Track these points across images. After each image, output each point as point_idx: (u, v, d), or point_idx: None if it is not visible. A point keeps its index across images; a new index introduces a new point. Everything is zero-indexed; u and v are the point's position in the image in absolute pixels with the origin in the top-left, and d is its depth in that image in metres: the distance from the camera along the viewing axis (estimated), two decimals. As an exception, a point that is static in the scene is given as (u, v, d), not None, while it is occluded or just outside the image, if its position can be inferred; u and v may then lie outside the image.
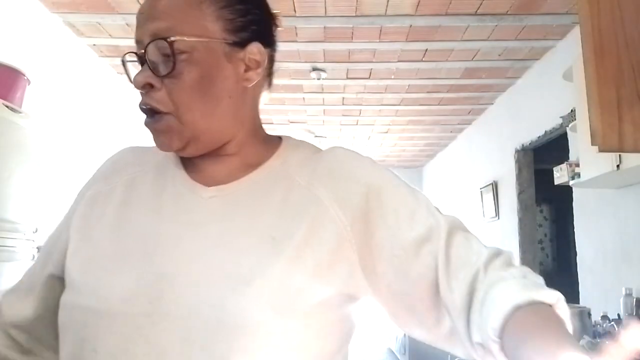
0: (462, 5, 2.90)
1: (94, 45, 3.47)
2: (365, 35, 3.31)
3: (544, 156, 4.14)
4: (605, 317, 2.47)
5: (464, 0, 2.86)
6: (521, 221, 4.10)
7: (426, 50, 3.54)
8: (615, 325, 2.38)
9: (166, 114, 0.63)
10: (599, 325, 2.45)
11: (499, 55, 3.62)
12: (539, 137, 3.77)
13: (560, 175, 2.98)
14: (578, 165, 2.72)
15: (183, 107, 0.63)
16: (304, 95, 4.53)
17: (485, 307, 0.54)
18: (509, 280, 0.55)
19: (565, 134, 3.28)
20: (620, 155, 2.23)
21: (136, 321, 0.57)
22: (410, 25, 3.17)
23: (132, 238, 0.64)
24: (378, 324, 6.68)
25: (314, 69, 3.88)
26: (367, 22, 3.12)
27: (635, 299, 2.46)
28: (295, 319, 0.57)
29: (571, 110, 2.93)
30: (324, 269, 0.60)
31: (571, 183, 2.83)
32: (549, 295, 0.53)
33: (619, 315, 2.50)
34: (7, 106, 2.02)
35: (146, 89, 0.63)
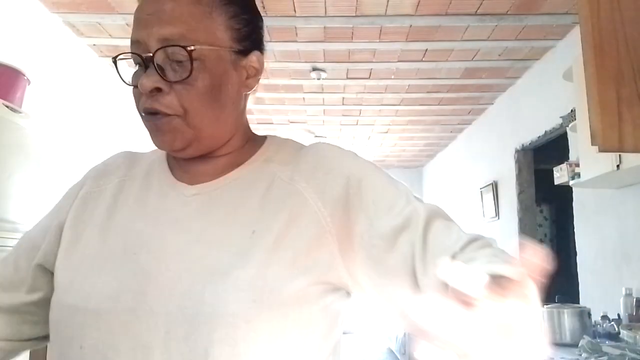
0: (462, 5, 2.90)
1: (94, 45, 3.47)
2: (365, 35, 3.31)
3: (544, 156, 4.14)
4: (605, 317, 2.47)
5: (464, 0, 2.86)
6: (521, 221, 4.10)
7: (426, 50, 3.54)
8: (615, 325, 2.38)
9: (174, 116, 0.64)
10: (599, 325, 2.45)
11: (499, 55, 3.62)
12: (539, 137, 3.77)
13: (560, 175, 2.98)
14: (578, 165, 2.72)
15: (193, 112, 0.64)
16: (304, 95, 4.53)
17: None
18: (479, 259, 0.54)
19: (565, 134, 3.28)
20: (620, 155, 2.23)
21: (120, 317, 0.59)
22: (410, 25, 3.17)
23: (117, 237, 0.66)
24: (378, 324, 6.68)
25: (314, 69, 3.89)
26: (367, 22, 3.12)
27: (635, 299, 2.46)
28: (275, 309, 0.58)
29: (571, 110, 2.93)
30: (303, 259, 0.61)
31: (571, 183, 2.83)
32: (514, 272, 0.51)
33: (619, 315, 2.50)
34: (7, 106, 2.02)
35: (153, 93, 0.64)
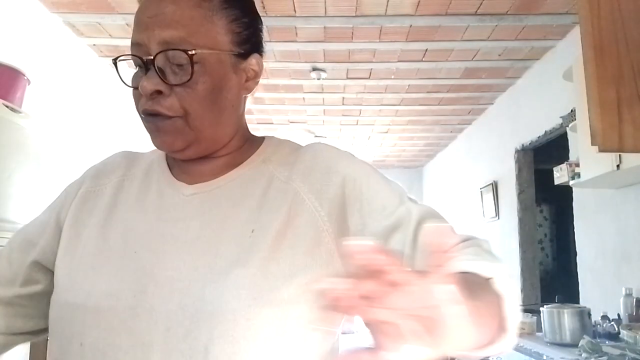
0: (462, 5, 2.90)
1: (94, 45, 3.47)
2: (365, 35, 3.31)
3: (544, 156, 4.14)
4: (605, 317, 2.47)
5: (464, 0, 2.86)
6: (521, 221, 4.10)
7: (426, 50, 3.54)
8: (615, 325, 2.38)
9: (174, 116, 0.65)
10: (599, 325, 2.45)
11: (499, 55, 3.62)
12: (539, 137, 3.77)
13: (560, 175, 2.98)
14: (578, 165, 2.72)
15: (193, 115, 0.65)
16: (304, 95, 4.53)
17: None
18: (461, 257, 0.55)
19: (565, 134, 3.28)
20: (620, 155, 2.23)
21: (120, 315, 0.59)
22: (410, 25, 3.17)
23: (117, 236, 0.66)
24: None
25: (314, 69, 3.89)
26: (367, 22, 3.12)
27: (635, 299, 2.46)
28: (275, 307, 0.59)
29: (571, 110, 2.93)
30: (302, 258, 0.62)
31: (571, 183, 2.83)
32: (486, 269, 0.52)
33: (619, 315, 2.50)
34: (7, 106, 2.02)
35: (154, 96, 0.64)
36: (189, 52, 0.62)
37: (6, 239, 0.74)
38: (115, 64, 0.69)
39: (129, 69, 0.68)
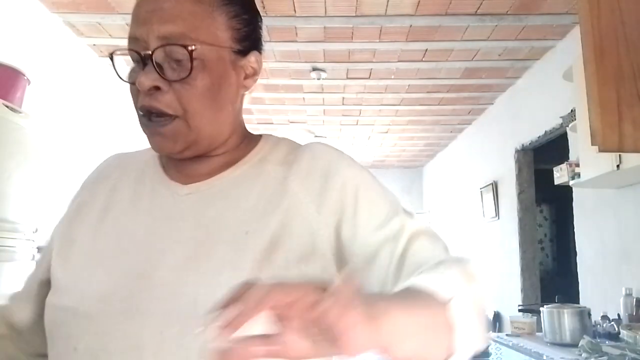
0: (462, 5, 2.90)
1: (94, 45, 3.47)
2: (365, 35, 3.31)
3: (544, 156, 4.14)
4: (605, 317, 2.47)
5: (464, 0, 2.86)
6: (521, 221, 4.10)
7: (426, 50, 3.54)
8: (615, 325, 2.38)
9: (174, 117, 0.63)
10: (599, 325, 2.45)
11: (499, 55, 3.62)
12: (539, 137, 3.77)
13: (560, 175, 2.98)
14: (578, 165, 2.72)
15: (192, 112, 0.64)
16: (304, 95, 4.53)
17: None
18: (433, 273, 0.54)
19: (565, 134, 3.28)
20: (620, 155, 2.23)
21: (112, 319, 0.58)
22: (410, 25, 3.17)
23: (110, 237, 0.66)
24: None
25: (314, 69, 3.88)
26: (367, 22, 3.12)
27: (635, 299, 2.46)
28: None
29: (571, 110, 2.93)
30: (296, 262, 0.61)
31: (571, 183, 2.83)
32: (445, 291, 0.50)
33: (619, 315, 2.50)
34: (7, 106, 2.02)
35: (151, 92, 0.63)
36: (189, 48, 0.61)
37: (6, 239, 0.74)
38: (111, 58, 0.68)
39: (127, 66, 0.67)
